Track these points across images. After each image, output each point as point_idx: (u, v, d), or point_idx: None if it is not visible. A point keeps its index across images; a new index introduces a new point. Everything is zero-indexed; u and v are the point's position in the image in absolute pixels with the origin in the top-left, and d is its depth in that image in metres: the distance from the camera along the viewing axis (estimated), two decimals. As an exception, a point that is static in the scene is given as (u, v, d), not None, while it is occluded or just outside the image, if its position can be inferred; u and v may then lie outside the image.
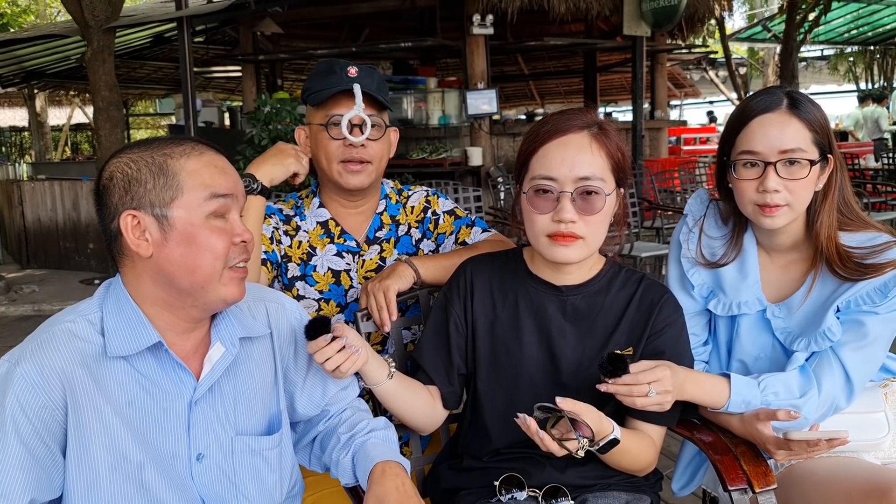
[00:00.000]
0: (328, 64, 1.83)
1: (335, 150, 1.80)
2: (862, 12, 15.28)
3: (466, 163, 8.37)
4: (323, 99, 1.78)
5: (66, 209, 8.30)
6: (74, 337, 1.20)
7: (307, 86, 1.85)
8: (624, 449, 1.40)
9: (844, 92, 21.10)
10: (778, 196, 1.49)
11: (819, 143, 1.51)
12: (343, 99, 1.77)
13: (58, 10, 19.24)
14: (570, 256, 1.45)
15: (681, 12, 8.12)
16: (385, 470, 1.32)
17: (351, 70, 1.78)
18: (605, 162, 1.44)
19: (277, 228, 1.88)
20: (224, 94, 17.09)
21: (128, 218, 1.19)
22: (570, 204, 1.41)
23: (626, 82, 15.98)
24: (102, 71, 6.55)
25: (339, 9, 9.39)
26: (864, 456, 1.57)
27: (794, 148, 1.48)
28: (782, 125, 1.49)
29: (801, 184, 1.49)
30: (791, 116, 1.50)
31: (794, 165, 1.49)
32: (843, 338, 1.51)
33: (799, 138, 1.49)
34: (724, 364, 1.68)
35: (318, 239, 1.90)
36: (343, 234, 1.91)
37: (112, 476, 1.20)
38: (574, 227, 1.42)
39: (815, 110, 1.51)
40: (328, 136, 1.79)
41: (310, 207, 1.92)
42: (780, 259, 1.63)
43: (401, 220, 1.96)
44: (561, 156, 1.42)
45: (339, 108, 1.78)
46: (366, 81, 1.78)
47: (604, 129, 1.46)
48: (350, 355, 1.36)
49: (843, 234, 1.55)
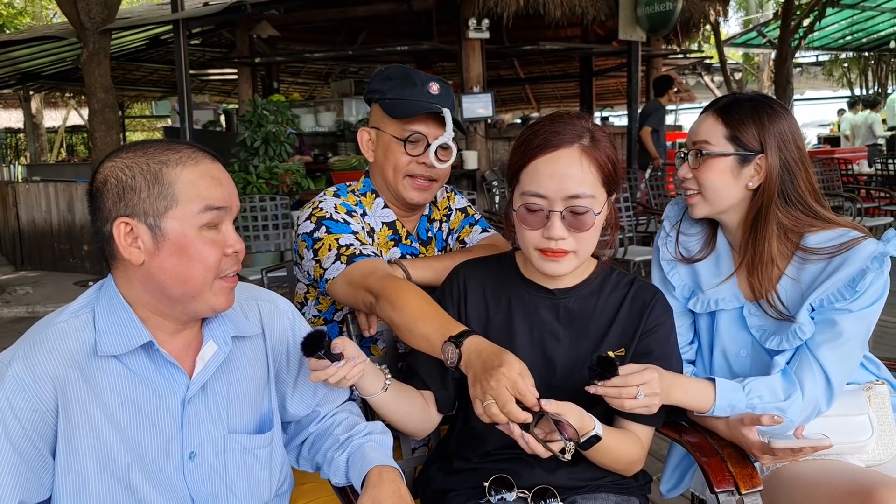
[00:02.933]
0: (405, 72, 1.79)
1: (406, 165, 1.78)
2: (856, 18, 15.36)
3: (462, 166, 8.38)
4: (406, 114, 1.75)
5: (60, 211, 8.29)
6: (67, 337, 1.20)
7: (378, 87, 1.81)
8: (606, 446, 1.41)
9: (839, 97, 21.18)
10: (688, 183, 1.65)
11: (734, 139, 1.59)
12: (425, 117, 1.75)
13: (54, 11, 19.22)
14: (560, 270, 1.47)
15: (676, 17, 8.15)
16: (382, 474, 1.33)
17: (433, 87, 1.76)
18: (595, 176, 1.43)
19: (363, 227, 1.82)
20: (220, 97, 17.08)
21: (121, 225, 1.19)
22: (559, 222, 1.41)
23: (621, 87, 16.00)
24: (98, 73, 6.56)
25: (336, 12, 9.40)
26: (849, 458, 1.59)
27: (704, 140, 1.62)
28: (702, 119, 1.62)
29: (705, 174, 1.61)
30: (708, 114, 1.63)
31: (705, 156, 1.61)
32: (820, 338, 1.54)
33: (711, 132, 1.62)
34: (707, 361, 1.71)
35: (386, 241, 1.87)
36: (409, 236, 1.89)
37: (100, 477, 1.20)
38: (564, 244, 1.43)
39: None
40: (404, 150, 1.77)
41: (373, 207, 1.87)
42: None
43: (434, 217, 1.98)
44: (550, 172, 1.41)
45: (420, 126, 1.76)
46: (445, 101, 1.77)
47: (595, 138, 1.44)
48: (352, 368, 1.35)
49: (809, 235, 1.58)
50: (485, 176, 8.34)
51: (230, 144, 6.77)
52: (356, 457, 1.40)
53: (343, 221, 1.77)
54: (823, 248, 1.56)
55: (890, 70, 18.46)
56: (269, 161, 6.38)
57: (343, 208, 1.81)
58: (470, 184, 8.45)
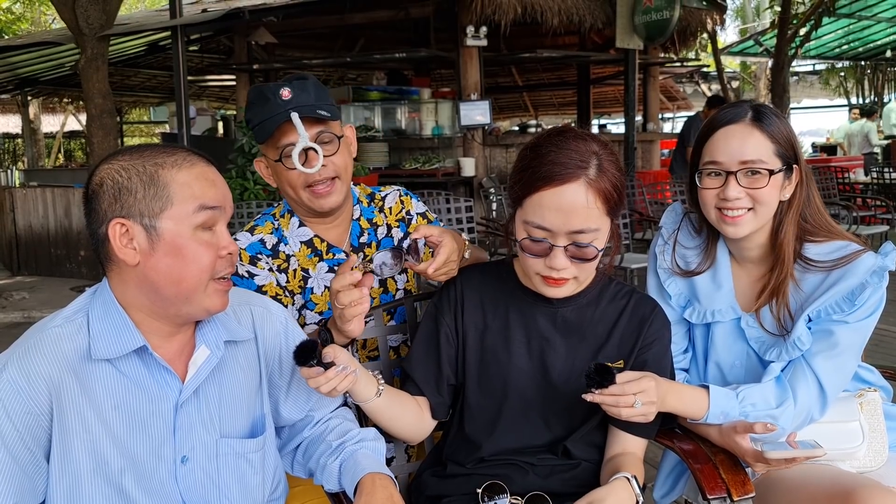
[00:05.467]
0: (259, 91, 1.71)
1: (297, 178, 1.71)
2: (853, 28, 15.43)
3: (459, 173, 8.41)
4: (268, 134, 1.69)
5: (57, 216, 8.28)
6: (61, 341, 1.21)
7: (247, 118, 1.75)
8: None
9: (836, 106, 21.27)
10: (739, 202, 1.54)
11: (782, 155, 1.55)
12: (287, 127, 1.67)
13: (52, 17, 19.24)
14: (561, 294, 1.47)
15: (673, 26, 8.20)
16: (375, 481, 1.34)
17: (283, 93, 1.66)
18: (600, 210, 1.39)
19: (272, 269, 1.78)
20: (218, 103, 17.11)
21: (116, 226, 1.20)
22: (562, 254, 1.40)
23: (618, 95, 16.07)
24: (96, 79, 6.56)
25: (334, 19, 9.43)
26: (840, 465, 1.60)
27: (754, 159, 1.53)
28: (744, 136, 1.54)
29: (762, 192, 1.53)
30: (753, 128, 1.55)
31: (755, 175, 1.53)
32: (815, 347, 1.54)
33: (760, 149, 1.54)
34: (702, 371, 1.72)
35: (308, 259, 1.82)
36: (331, 249, 1.84)
37: (94, 481, 1.21)
38: (565, 273, 1.42)
39: (780, 123, 1.56)
40: (285, 167, 1.71)
41: (289, 228, 1.83)
42: (752, 269, 1.67)
43: (378, 223, 1.91)
44: (556, 206, 1.37)
45: (286, 138, 1.68)
46: (301, 99, 1.67)
47: (601, 167, 1.39)
48: (345, 377, 1.34)
49: (809, 245, 1.59)
50: (482, 183, 8.36)
51: (228, 150, 6.78)
52: (349, 464, 1.40)
53: (247, 275, 1.74)
54: (823, 261, 1.56)
55: (886, 79, 18.53)
56: (267, 167, 6.37)
57: (247, 255, 1.76)
58: (467, 191, 8.47)
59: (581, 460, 1.55)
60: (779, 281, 1.58)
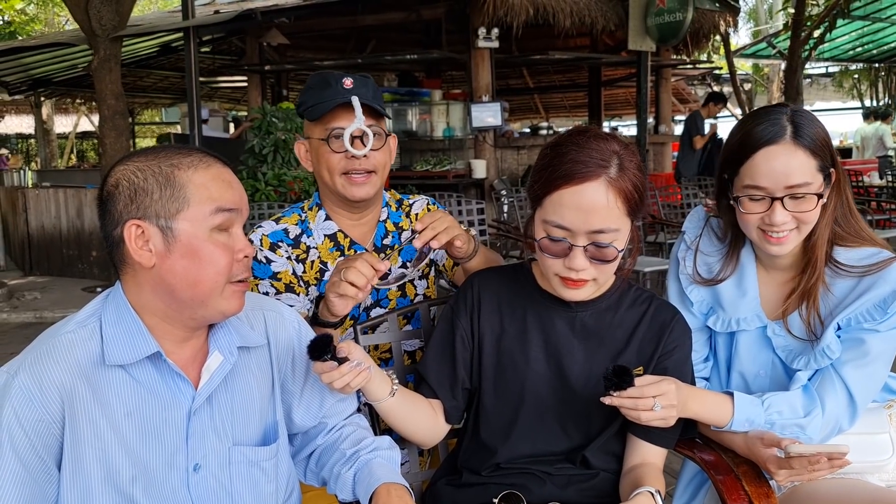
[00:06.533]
0: (322, 77, 1.80)
1: (337, 163, 1.78)
2: (867, 30, 15.33)
3: (470, 175, 8.39)
4: (321, 113, 1.76)
5: (69, 217, 8.31)
6: (74, 348, 1.19)
7: (302, 100, 1.83)
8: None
9: (849, 109, 21.13)
10: (785, 225, 1.47)
11: (823, 168, 1.48)
12: (341, 112, 1.76)
13: (66, 18, 19.38)
14: (579, 296, 1.46)
15: (686, 28, 8.14)
16: (391, 491, 1.31)
17: (346, 82, 1.76)
18: (621, 209, 1.37)
19: (290, 258, 1.84)
20: (230, 104, 17.17)
21: (132, 227, 1.18)
22: (581, 254, 1.38)
23: (630, 97, 16.02)
24: (109, 80, 6.58)
25: (346, 20, 9.44)
26: (868, 478, 1.56)
27: (800, 183, 1.45)
28: (787, 159, 1.45)
29: (809, 214, 1.47)
30: (796, 148, 1.45)
31: (802, 199, 1.46)
32: (845, 356, 1.50)
33: (805, 170, 1.45)
34: (724, 381, 1.68)
35: (329, 253, 1.86)
36: (353, 245, 1.88)
37: (105, 490, 1.19)
38: (584, 274, 1.40)
39: (817, 131, 1.47)
40: (329, 149, 1.77)
41: (315, 221, 1.88)
42: (778, 275, 1.62)
43: (404, 227, 1.96)
44: (575, 205, 1.36)
45: (338, 121, 1.77)
46: (362, 92, 1.76)
47: (622, 166, 1.37)
48: (359, 373, 1.34)
49: (840, 249, 1.54)
50: (493, 185, 8.34)
51: (239, 151, 6.79)
52: (363, 473, 1.38)
53: (265, 261, 1.80)
54: (854, 267, 1.52)
55: (901, 82, 18.42)
56: (278, 168, 6.39)
57: (268, 240, 1.82)
58: (478, 192, 8.44)
59: (599, 470, 1.52)
60: (810, 283, 1.53)
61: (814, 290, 1.53)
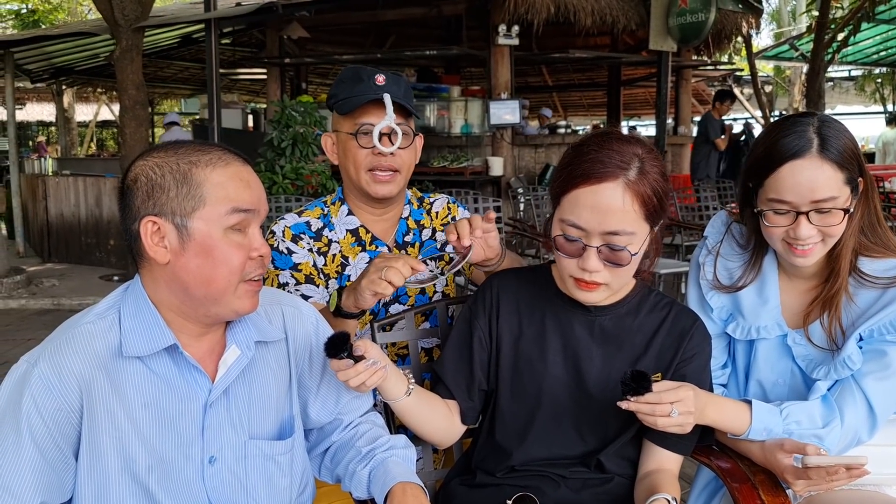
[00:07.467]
0: (355, 71, 1.80)
1: (364, 159, 1.78)
2: (891, 34, 15.11)
3: (487, 172, 8.37)
4: (352, 108, 1.77)
5: (88, 205, 8.38)
6: (93, 339, 1.20)
7: (333, 92, 1.83)
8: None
9: (871, 113, 20.89)
10: (811, 239, 1.45)
11: (851, 180, 1.44)
12: (372, 108, 1.76)
13: (88, 8, 19.51)
14: (592, 299, 1.45)
15: (708, 28, 8.09)
16: (406, 490, 1.31)
17: (379, 78, 1.76)
18: (637, 213, 1.36)
19: (312, 250, 1.85)
20: (249, 96, 17.24)
21: (148, 224, 1.19)
22: (595, 255, 1.37)
23: (649, 97, 15.94)
24: (130, 70, 6.62)
25: (366, 15, 9.44)
26: (887, 490, 1.54)
27: (826, 198, 1.42)
28: (813, 174, 1.41)
29: (834, 228, 1.45)
30: (822, 161, 1.41)
31: (827, 213, 1.43)
32: (866, 367, 1.48)
33: (831, 185, 1.42)
34: (742, 388, 1.66)
35: (350, 248, 1.87)
36: (374, 241, 1.89)
37: (122, 479, 1.20)
38: (598, 277, 1.39)
39: (845, 142, 1.43)
40: (357, 144, 1.78)
41: (338, 215, 1.89)
42: (801, 284, 1.60)
43: (425, 224, 1.97)
44: (591, 205, 1.35)
45: (368, 117, 1.77)
46: (393, 89, 1.76)
47: (643, 170, 1.36)
48: (375, 372, 1.34)
49: (865, 259, 1.52)
50: (510, 183, 8.32)
51: (257, 144, 6.81)
52: (379, 471, 1.38)
53: (286, 252, 1.82)
54: (878, 279, 1.50)
55: (924, 87, 18.19)
56: (296, 162, 6.40)
57: (290, 232, 1.84)
58: (495, 190, 8.43)
59: (614, 475, 1.51)
60: (832, 292, 1.51)
61: (836, 299, 1.51)
